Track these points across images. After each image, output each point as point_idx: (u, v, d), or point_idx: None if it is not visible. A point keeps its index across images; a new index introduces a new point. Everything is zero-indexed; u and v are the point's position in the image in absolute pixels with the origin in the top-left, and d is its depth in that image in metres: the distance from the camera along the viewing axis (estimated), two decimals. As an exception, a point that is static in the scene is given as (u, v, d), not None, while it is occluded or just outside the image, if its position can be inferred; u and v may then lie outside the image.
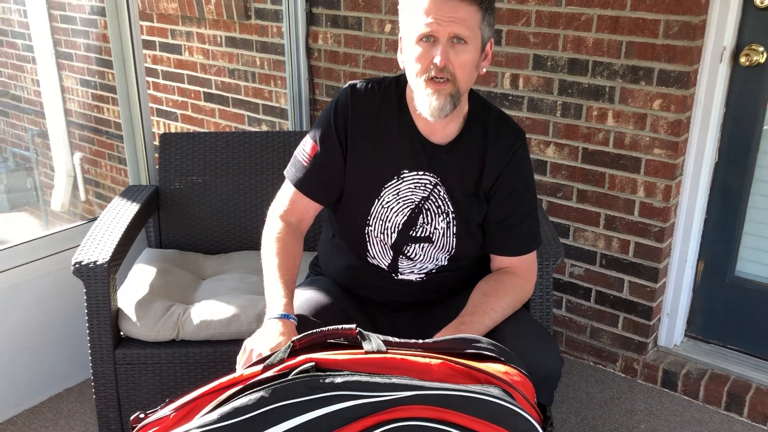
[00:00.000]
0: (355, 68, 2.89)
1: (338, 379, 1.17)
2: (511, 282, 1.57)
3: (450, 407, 1.16)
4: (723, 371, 2.41)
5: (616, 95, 2.30)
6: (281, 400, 1.16)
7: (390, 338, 1.37)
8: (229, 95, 3.42)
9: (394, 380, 1.17)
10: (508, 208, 1.57)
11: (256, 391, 1.17)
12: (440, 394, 1.16)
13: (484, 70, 1.51)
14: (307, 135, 1.61)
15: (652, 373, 2.47)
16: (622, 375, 2.54)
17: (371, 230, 1.60)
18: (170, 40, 3.60)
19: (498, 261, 1.62)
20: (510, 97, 2.52)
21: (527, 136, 2.51)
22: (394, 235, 1.59)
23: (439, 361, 1.27)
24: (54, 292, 2.34)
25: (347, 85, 1.59)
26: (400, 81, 1.58)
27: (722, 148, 2.33)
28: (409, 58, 1.46)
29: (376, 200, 1.58)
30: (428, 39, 1.41)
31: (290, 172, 1.62)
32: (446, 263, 1.63)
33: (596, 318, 2.57)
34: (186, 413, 1.28)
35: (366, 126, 1.56)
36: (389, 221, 1.58)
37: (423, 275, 1.63)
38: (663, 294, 2.48)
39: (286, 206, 1.62)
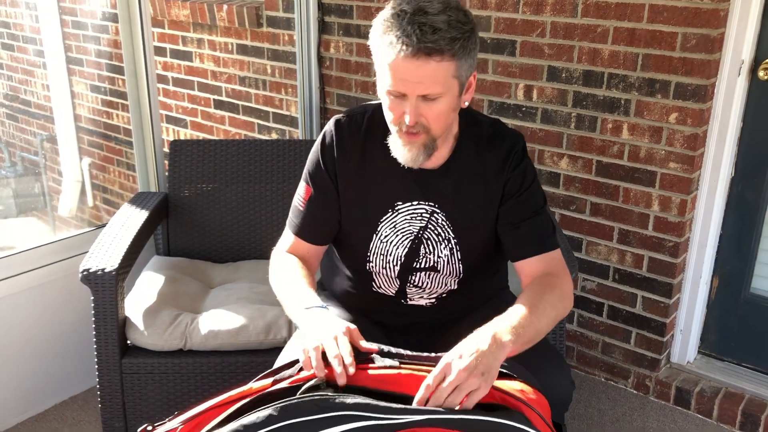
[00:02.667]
0: (366, 77, 2.88)
1: (349, 400, 1.14)
2: (545, 280, 1.44)
3: (462, 430, 1.13)
4: (737, 390, 2.37)
5: (632, 108, 2.27)
6: (290, 417, 1.14)
7: (402, 351, 1.34)
8: (240, 103, 3.41)
9: (407, 406, 1.14)
10: (517, 210, 1.49)
11: (264, 408, 1.15)
12: (457, 419, 1.13)
13: (467, 103, 1.43)
14: (302, 179, 1.57)
15: (665, 390, 2.43)
16: (634, 392, 2.50)
17: (373, 266, 1.55)
18: (181, 47, 3.59)
19: (526, 269, 1.49)
20: (523, 109, 2.50)
21: (540, 147, 2.49)
22: (397, 268, 1.54)
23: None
24: (61, 298, 2.32)
25: (331, 120, 1.53)
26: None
27: (739, 162, 2.30)
28: (382, 102, 1.40)
29: (374, 235, 1.52)
30: (396, 94, 1.33)
31: (290, 219, 1.58)
32: (456, 287, 1.57)
33: (608, 333, 2.53)
34: (194, 426, 1.25)
35: (353, 161, 1.50)
36: (390, 255, 1.53)
37: (434, 300, 1.58)
38: (677, 310, 2.45)
39: (286, 248, 1.58)
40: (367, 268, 1.55)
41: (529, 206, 1.49)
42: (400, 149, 1.40)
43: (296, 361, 1.33)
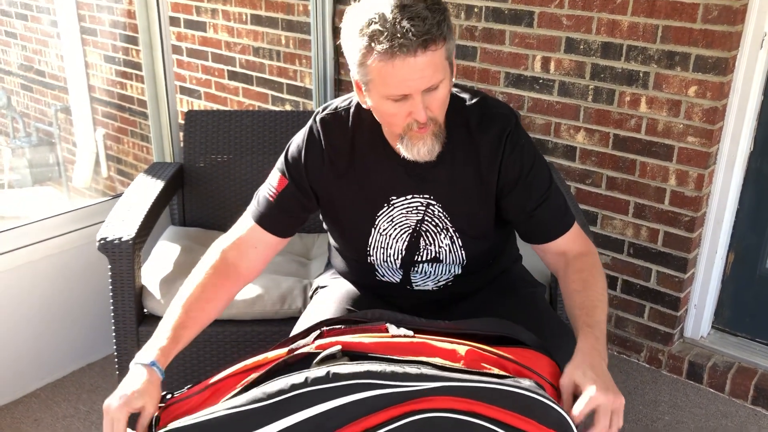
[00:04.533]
0: (381, 48, 2.85)
1: (365, 368, 1.15)
2: (585, 263, 1.43)
3: (480, 399, 1.14)
4: (750, 365, 2.37)
5: (650, 81, 2.24)
6: (309, 386, 1.15)
7: (417, 318, 1.35)
8: (254, 74, 3.40)
9: (423, 370, 1.15)
10: (526, 197, 1.45)
11: (286, 376, 1.16)
12: (470, 386, 1.14)
13: (453, 80, 1.38)
14: (275, 170, 1.50)
15: (678, 364, 2.43)
16: (647, 366, 2.51)
17: (374, 259, 1.53)
18: (195, 17, 3.57)
19: (549, 251, 1.48)
20: (540, 81, 2.47)
21: (557, 120, 2.47)
22: (398, 261, 1.52)
23: (467, 348, 1.26)
24: (78, 267, 2.35)
25: (316, 118, 1.47)
26: None
27: (758, 137, 2.27)
28: (378, 111, 1.34)
29: (373, 229, 1.49)
30: (398, 97, 1.28)
31: (252, 208, 1.50)
32: (461, 272, 1.55)
33: (622, 307, 2.53)
34: (211, 394, 1.26)
35: (343, 158, 1.45)
36: (390, 248, 1.51)
37: (441, 285, 1.57)
38: (691, 285, 2.44)
39: (233, 239, 1.47)
40: (369, 261, 1.53)
41: (537, 190, 1.44)
42: (412, 148, 1.35)
43: (311, 330, 1.35)
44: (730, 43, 2.08)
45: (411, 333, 1.30)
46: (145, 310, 1.97)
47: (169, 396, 1.29)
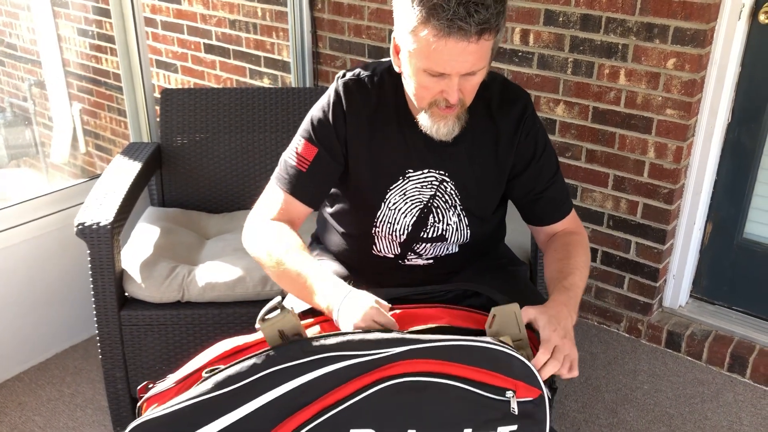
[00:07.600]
0: (359, 21, 2.81)
1: (331, 340, 1.16)
2: (572, 239, 1.49)
3: (447, 359, 1.16)
4: (727, 332, 2.41)
5: (629, 53, 2.23)
6: (275, 364, 1.15)
7: (392, 289, 1.38)
8: (230, 47, 3.34)
9: (387, 336, 1.16)
10: (534, 181, 1.49)
11: (248, 357, 1.16)
12: (435, 347, 1.15)
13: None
14: (299, 136, 1.47)
15: (657, 333, 2.47)
16: (627, 335, 2.55)
17: (378, 230, 1.53)
18: (169, -11, 3.50)
19: (545, 232, 1.54)
20: (519, 54, 2.45)
21: (536, 93, 2.46)
22: (403, 237, 1.52)
23: (436, 309, 1.30)
24: (58, 249, 2.33)
25: (337, 83, 1.45)
26: (393, 70, 1.41)
27: (736, 108, 2.28)
28: (409, 81, 1.34)
29: (383, 203, 1.49)
30: (436, 74, 1.28)
31: (281, 178, 1.47)
32: (457, 250, 1.57)
33: (602, 279, 2.56)
34: (190, 385, 1.26)
35: (364, 127, 1.45)
36: (398, 222, 1.51)
37: (431, 260, 1.58)
38: (670, 255, 2.47)
39: (275, 213, 1.46)
40: (373, 232, 1.53)
41: (545, 174, 1.49)
42: (433, 125, 1.36)
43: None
44: (709, 15, 2.07)
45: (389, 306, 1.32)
46: (126, 294, 1.96)
47: (150, 385, 1.30)
